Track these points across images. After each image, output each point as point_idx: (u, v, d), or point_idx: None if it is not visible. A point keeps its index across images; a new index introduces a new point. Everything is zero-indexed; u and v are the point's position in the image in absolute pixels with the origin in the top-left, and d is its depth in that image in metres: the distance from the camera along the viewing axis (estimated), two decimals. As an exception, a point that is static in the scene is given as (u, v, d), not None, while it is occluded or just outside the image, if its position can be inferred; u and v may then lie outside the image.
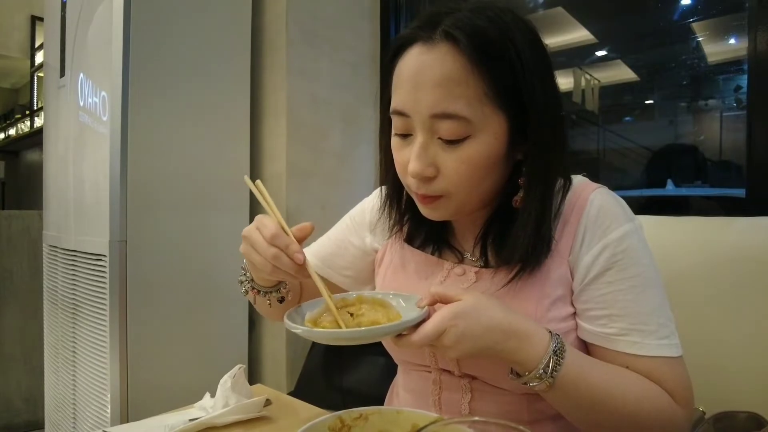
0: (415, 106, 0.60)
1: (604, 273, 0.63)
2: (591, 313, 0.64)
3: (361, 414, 0.61)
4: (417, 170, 0.61)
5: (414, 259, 0.77)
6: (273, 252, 0.63)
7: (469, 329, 0.54)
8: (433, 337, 0.54)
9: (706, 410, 0.68)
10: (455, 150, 0.60)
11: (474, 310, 0.55)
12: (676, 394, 0.62)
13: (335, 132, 1.80)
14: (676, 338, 0.63)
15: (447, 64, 0.58)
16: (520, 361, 0.57)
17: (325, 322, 0.62)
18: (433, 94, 0.58)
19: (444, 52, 0.58)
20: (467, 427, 0.43)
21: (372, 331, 0.57)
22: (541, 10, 1.91)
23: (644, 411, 0.59)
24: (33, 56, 4.22)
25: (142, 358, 1.39)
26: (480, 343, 0.55)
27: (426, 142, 0.61)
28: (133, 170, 1.38)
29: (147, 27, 1.40)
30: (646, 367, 0.62)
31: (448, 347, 0.55)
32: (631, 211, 0.68)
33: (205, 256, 1.54)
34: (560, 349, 0.57)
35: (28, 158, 3.79)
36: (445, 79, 0.58)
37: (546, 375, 0.56)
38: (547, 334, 0.58)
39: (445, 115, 0.58)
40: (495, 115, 0.60)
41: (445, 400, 0.71)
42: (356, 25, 1.88)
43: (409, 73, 0.61)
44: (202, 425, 0.71)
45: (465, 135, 0.59)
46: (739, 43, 1.37)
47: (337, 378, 1.42)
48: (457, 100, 0.58)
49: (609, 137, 1.81)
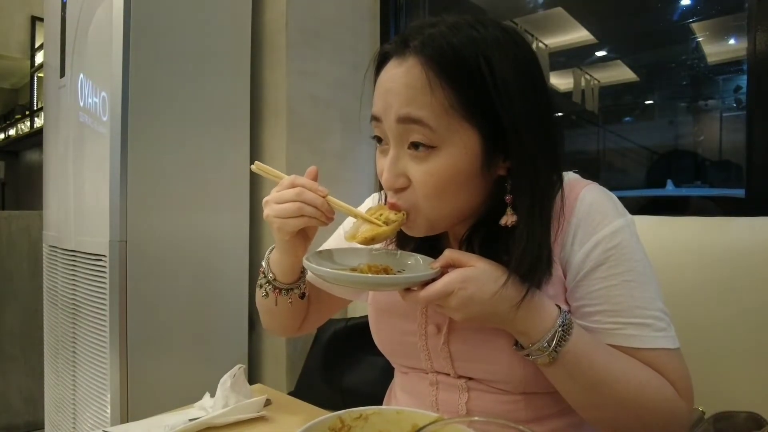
0: (385, 111, 0.62)
1: (597, 269, 0.63)
2: (585, 309, 0.64)
3: (361, 414, 0.61)
4: (389, 182, 0.63)
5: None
6: (296, 190, 0.64)
7: (476, 294, 0.56)
8: (439, 296, 0.56)
9: (706, 410, 0.68)
10: (424, 162, 0.61)
11: (484, 275, 0.57)
12: (677, 386, 0.62)
13: (335, 132, 1.80)
14: (672, 331, 0.63)
15: (412, 74, 0.60)
16: (525, 331, 0.58)
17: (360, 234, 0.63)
18: (399, 99, 0.60)
19: (412, 64, 0.60)
20: (467, 427, 0.43)
21: (381, 279, 0.59)
22: (541, 11, 1.91)
23: (647, 397, 0.59)
24: (33, 56, 4.22)
25: (142, 358, 1.39)
26: (486, 309, 0.57)
27: (397, 155, 0.63)
28: (133, 170, 1.38)
29: (147, 27, 1.40)
30: (645, 359, 0.62)
31: (454, 309, 0.56)
32: (623, 207, 0.67)
33: (205, 256, 1.54)
34: (568, 324, 0.58)
35: (28, 158, 3.79)
36: (411, 87, 0.60)
37: (549, 348, 0.57)
38: (556, 308, 0.59)
39: (410, 119, 0.59)
40: (463, 129, 0.59)
41: (442, 401, 0.71)
42: (356, 26, 1.88)
43: (382, 83, 0.64)
44: (202, 425, 0.71)
45: (432, 144, 0.60)
46: (739, 44, 1.37)
47: (337, 378, 1.42)
48: (422, 107, 0.59)
49: (609, 137, 1.82)
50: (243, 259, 1.63)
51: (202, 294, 1.54)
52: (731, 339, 0.95)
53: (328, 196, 0.65)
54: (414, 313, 0.71)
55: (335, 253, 0.70)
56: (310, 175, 0.68)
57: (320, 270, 0.60)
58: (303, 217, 0.64)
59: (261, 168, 0.70)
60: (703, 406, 0.68)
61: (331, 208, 0.65)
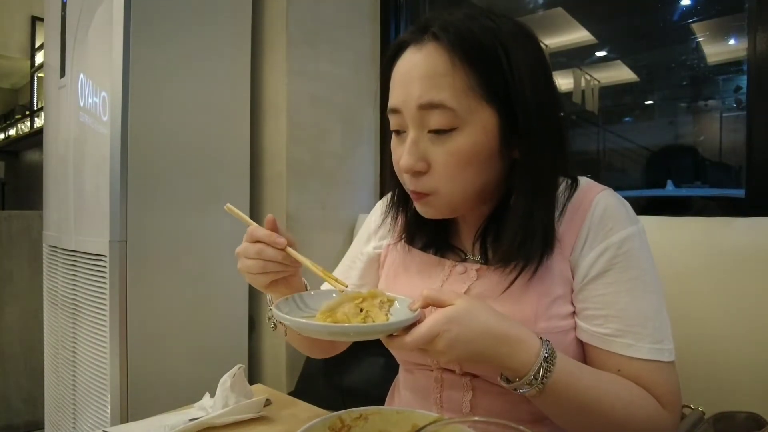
0: (405, 101, 0.63)
1: (604, 274, 0.64)
2: (588, 313, 0.65)
3: (361, 414, 0.61)
4: (408, 164, 0.63)
5: (415, 260, 0.78)
6: (256, 248, 0.66)
7: (462, 334, 0.54)
8: (425, 341, 0.53)
9: (706, 410, 0.68)
10: (444, 143, 0.62)
11: (467, 314, 0.55)
12: (663, 399, 0.62)
13: (335, 132, 1.80)
14: (670, 344, 0.64)
15: (432, 60, 0.62)
16: (511, 367, 0.57)
17: (338, 314, 0.60)
18: (420, 86, 0.62)
19: (431, 50, 0.62)
20: (467, 427, 0.43)
21: (362, 328, 0.56)
22: (541, 11, 1.91)
23: (632, 417, 0.60)
24: (33, 56, 4.22)
25: (142, 358, 1.39)
26: (472, 348, 0.55)
27: (417, 137, 0.63)
28: (133, 170, 1.38)
29: (147, 27, 1.40)
30: (638, 370, 0.62)
31: (441, 352, 0.54)
32: (634, 214, 0.68)
33: (205, 256, 1.54)
34: (551, 355, 0.57)
35: (28, 158, 3.79)
36: (431, 72, 0.61)
37: (536, 381, 0.56)
38: (538, 340, 0.58)
39: (431, 104, 0.61)
40: (482, 109, 0.62)
41: (446, 398, 0.71)
42: (356, 26, 1.88)
43: (400, 73, 0.65)
44: (202, 425, 0.71)
45: (452, 126, 0.61)
46: (739, 44, 1.37)
47: (337, 378, 1.42)
48: (443, 90, 0.60)
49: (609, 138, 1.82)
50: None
51: (202, 294, 1.54)
52: (731, 339, 0.95)
53: (287, 248, 0.65)
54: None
55: (306, 297, 0.68)
56: (268, 224, 0.67)
57: (300, 325, 0.57)
58: (269, 273, 0.66)
59: (231, 210, 0.71)
60: (703, 406, 0.68)
61: (292, 259, 0.65)
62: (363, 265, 0.86)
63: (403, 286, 0.76)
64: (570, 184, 0.69)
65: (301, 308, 0.66)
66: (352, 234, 1.83)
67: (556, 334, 0.64)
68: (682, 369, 0.96)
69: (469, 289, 0.69)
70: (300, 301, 0.67)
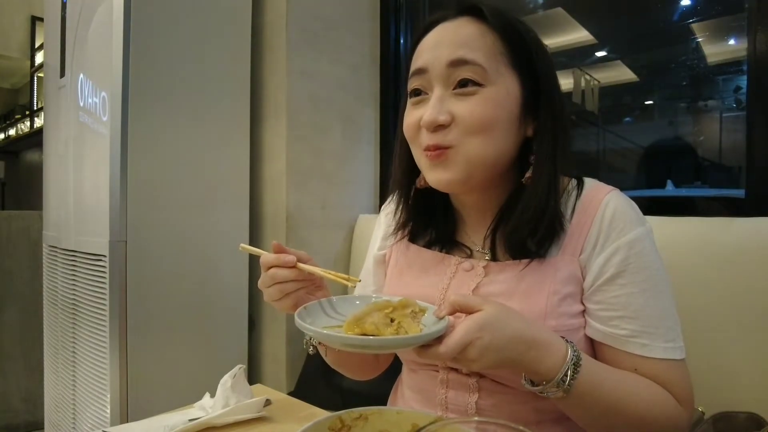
0: (434, 61, 0.66)
1: (618, 276, 0.65)
2: (604, 314, 0.66)
3: (361, 414, 0.61)
4: (432, 117, 0.64)
5: (420, 258, 0.78)
6: (270, 274, 0.67)
7: (494, 341, 0.53)
8: (460, 349, 0.53)
9: (706, 410, 0.68)
10: (469, 99, 0.64)
11: (498, 321, 0.54)
12: (679, 396, 0.63)
13: (335, 132, 1.80)
14: (681, 341, 0.65)
15: (465, 26, 0.67)
16: (539, 371, 0.57)
17: (367, 324, 0.58)
18: (452, 47, 0.65)
19: (464, 21, 0.67)
20: (467, 428, 0.43)
21: (395, 341, 0.55)
22: (541, 11, 1.91)
23: (653, 416, 0.61)
24: (33, 56, 4.22)
25: (142, 358, 1.39)
26: (503, 355, 0.55)
27: (442, 95, 0.66)
28: (133, 170, 1.38)
29: (147, 27, 1.40)
30: (654, 369, 0.63)
31: (473, 360, 0.54)
32: (642, 215, 0.69)
33: (205, 256, 1.54)
34: (578, 358, 0.57)
35: (28, 158, 3.79)
36: (463, 36, 0.66)
37: (563, 384, 0.56)
38: (565, 344, 0.58)
39: (463, 60, 0.64)
40: (509, 74, 0.66)
41: (451, 399, 0.71)
42: (356, 26, 1.88)
43: (429, 41, 0.68)
44: (202, 425, 0.71)
45: (480, 82, 0.64)
46: (739, 44, 1.37)
47: (337, 378, 1.42)
48: (476, 51, 0.64)
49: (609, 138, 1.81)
50: (243, 259, 1.63)
51: (202, 294, 1.54)
52: (731, 339, 0.95)
53: (297, 264, 0.66)
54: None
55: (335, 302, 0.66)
56: (275, 249, 0.68)
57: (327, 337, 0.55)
58: (288, 295, 0.67)
59: (246, 249, 0.73)
60: (703, 406, 0.69)
61: (305, 273, 0.67)
62: (377, 271, 0.87)
63: (408, 284, 0.77)
64: (576, 185, 0.70)
65: (330, 314, 0.64)
66: (352, 234, 1.83)
67: (566, 332, 0.64)
68: (682, 369, 0.96)
69: (477, 287, 0.69)
70: (329, 306, 0.66)
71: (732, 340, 0.95)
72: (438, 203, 0.77)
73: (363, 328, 0.58)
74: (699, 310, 0.99)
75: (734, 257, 0.98)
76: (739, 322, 0.95)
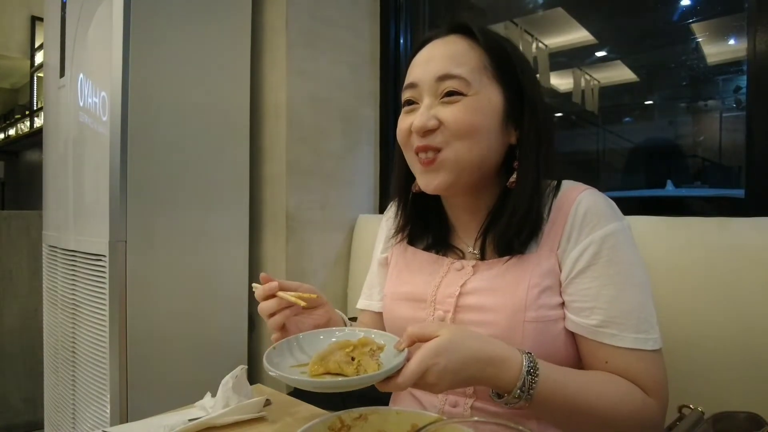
0: (424, 75, 0.72)
1: (589, 268, 0.68)
2: (576, 305, 0.69)
3: (361, 414, 0.62)
4: (421, 123, 0.70)
5: (417, 259, 0.83)
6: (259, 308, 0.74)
7: (450, 364, 0.56)
8: (416, 378, 0.56)
9: (706, 410, 0.68)
10: (453, 105, 0.70)
11: (452, 344, 0.57)
12: (649, 388, 0.65)
13: (335, 132, 1.80)
14: (655, 333, 0.67)
15: (454, 42, 0.73)
16: (500, 385, 0.60)
17: (330, 363, 0.62)
18: (441, 63, 0.72)
19: (454, 38, 0.74)
20: (467, 427, 0.43)
21: (359, 380, 0.57)
22: (541, 11, 1.91)
23: (620, 413, 0.63)
24: (33, 56, 4.22)
25: (142, 358, 1.39)
26: (462, 375, 0.58)
27: (430, 103, 0.72)
28: (133, 170, 1.38)
29: (147, 27, 1.40)
30: (625, 359, 0.65)
31: (433, 384, 0.57)
32: (619, 212, 0.72)
33: (205, 256, 1.54)
34: (533, 367, 0.60)
35: (28, 158, 3.79)
36: (451, 53, 0.72)
37: (524, 394, 0.59)
38: (520, 355, 0.61)
39: (449, 75, 0.70)
40: (492, 85, 0.72)
41: (448, 402, 0.73)
42: (356, 26, 1.88)
43: (422, 56, 0.75)
44: (202, 425, 0.71)
45: (463, 92, 0.70)
46: (739, 44, 1.37)
47: (336, 378, 1.42)
48: (462, 65, 0.71)
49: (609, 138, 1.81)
50: (243, 259, 1.63)
51: (202, 294, 1.54)
52: (731, 339, 0.95)
53: (277, 293, 0.72)
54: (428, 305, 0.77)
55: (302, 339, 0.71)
56: (263, 281, 0.75)
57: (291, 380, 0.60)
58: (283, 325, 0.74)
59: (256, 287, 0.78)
60: (703, 406, 0.69)
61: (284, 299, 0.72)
62: (377, 271, 0.93)
63: (405, 282, 0.82)
64: (555, 186, 0.74)
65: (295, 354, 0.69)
66: (352, 234, 1.83)
67: (546, 323, 0.68)
68: (682, 369, 0.96)
69: (465, 284, 0.74)
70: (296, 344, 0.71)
71: (732, 339, 0.95)
72: (432, 207, 0.83)
73: (327, 367, 0.62)
74: (698, 310, 0.99)
75: (734, 257, 0.98)
76: (739, 321, 0.95)
